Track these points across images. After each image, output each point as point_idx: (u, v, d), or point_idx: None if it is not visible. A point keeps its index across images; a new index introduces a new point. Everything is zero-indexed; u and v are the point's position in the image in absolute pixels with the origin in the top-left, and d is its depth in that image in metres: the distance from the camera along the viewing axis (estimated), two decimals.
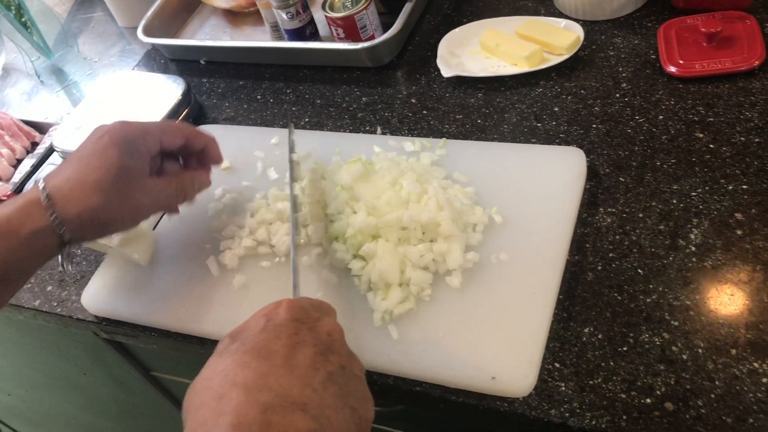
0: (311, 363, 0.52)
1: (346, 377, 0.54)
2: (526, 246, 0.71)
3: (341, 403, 0.51)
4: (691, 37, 0.85)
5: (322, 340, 0.55)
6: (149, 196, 0.71)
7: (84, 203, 0.66)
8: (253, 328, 0.56)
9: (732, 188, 0.72)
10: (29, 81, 1.30)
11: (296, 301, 0.59)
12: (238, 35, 1.17)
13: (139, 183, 0.69)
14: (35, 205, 0.65)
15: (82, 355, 1.16)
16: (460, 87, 0.93)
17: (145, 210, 0.72)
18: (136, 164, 0.69)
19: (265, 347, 0.53)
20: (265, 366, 0.51)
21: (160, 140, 0.73)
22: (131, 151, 0.69)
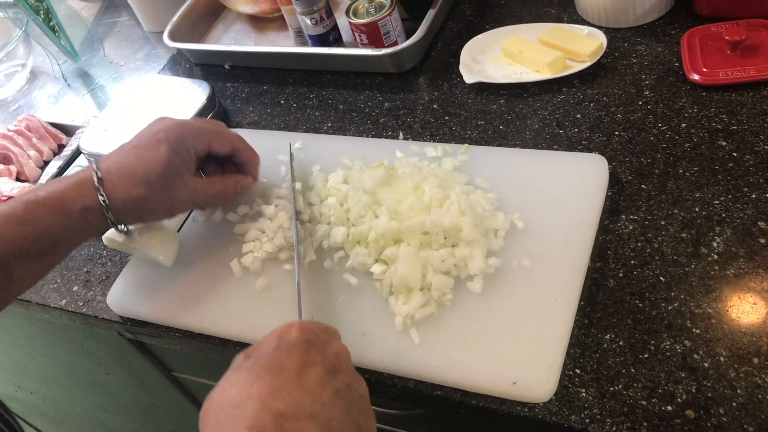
0: (320, 380, 0.55)
1: (351, 395, 0.57)
2: (548, 252, 0.71)
3: (347, 418, 0.55)
4: (714, 45, 0.85)
5: (331, 360, 0.58)
6: (190, 194, 0.76)
7: (130, 192, 0.71)
8: (266, 347, 0.58)
9: (755, 197, 0.72)
10: (56, 84, 1.32)
11: (307, 323, 0.61)
12: (263, 40, 1.19)
13: (182, 180, 0.75)
14: (88, 185, 0.71)
15: (105, 355, 1.17)
16: (483, 93, 0.94)
17: (183, 205, 0.77)
18: (182, 163, 0.74)
19: (278, 364, 0.56)
20: (277, 380, 0.54)
21: (209, 144, 0.78)
22: (180, 150, 0.74)
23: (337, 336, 0.64)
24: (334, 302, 0.74)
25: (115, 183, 0.71)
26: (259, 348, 0.59)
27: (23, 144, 1.11)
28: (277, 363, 0.56)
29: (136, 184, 0.71)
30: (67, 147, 1.11)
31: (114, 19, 1.44)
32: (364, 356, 0.70)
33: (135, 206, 0.72)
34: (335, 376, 0.57)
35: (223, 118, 1.05)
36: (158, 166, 0.72)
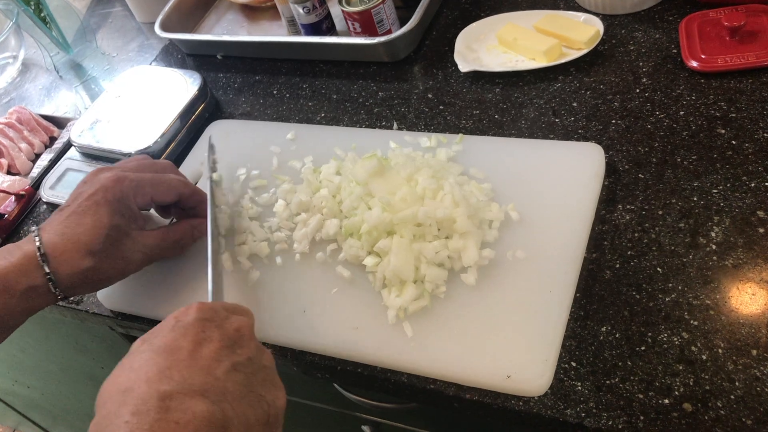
0: (215, 356, 0.55)
1: (253, 367, 0.57)
2: (543, 243, 0.70)
3: (246, 390, 0.55)
4: (713, 31, 0.84)
5: (229, 335, 0.58)
6: (141, 252, 0.73)
7: (76, 265, 0.68)
8: (162, 329, 0.58)
9: (754, 185, 0.70)
10: (48, 76, 1.31)
11: (206, 303, 0.60)
12: (255, 30, 1.17)
13: (130, 240, 0.72)
14: (31, 262, 0.67)
15: (100, 349, 1.17)
16: (478, 82, 0.92)
17: (136, 265, 0.74)
18: (127, 222, 0.71)
19: (172, 344, 0.55)
20: (168, 360, 0.54)
21: (151, 196, 0.74)
22: (122, 209, 0.71)
23: (244, 312, 0.63)
24: (326, 295, 0.73)
25: (59, 258, 0.67)
26: (155, 332, 0.58)
27: (14, 137, 1.09)
28: (170, 344, 0.55)
29: (82, 257, 0.68)
30: (58, 140, 1.10)
31: (107, 10, 1.42)
32: (356, 350, 0.69)
33: (84, 279, 0.69)
34: (234, 351, 0.56)
35: (215, 108, 1.03)
36: (101, 233, 0.69)
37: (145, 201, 0.74)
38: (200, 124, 1.00)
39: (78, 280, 0.69)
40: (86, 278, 0.69)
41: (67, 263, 0.68)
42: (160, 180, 0.75)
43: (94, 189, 0.71)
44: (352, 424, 1.01)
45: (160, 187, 0.75)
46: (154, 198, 0.74)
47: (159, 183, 0.75)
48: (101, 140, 0.98)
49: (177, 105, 0.98)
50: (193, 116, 0.99)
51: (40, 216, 0.99)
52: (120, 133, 0.97)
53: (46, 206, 0.99)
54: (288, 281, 0.76)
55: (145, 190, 0.73)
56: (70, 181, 0.98)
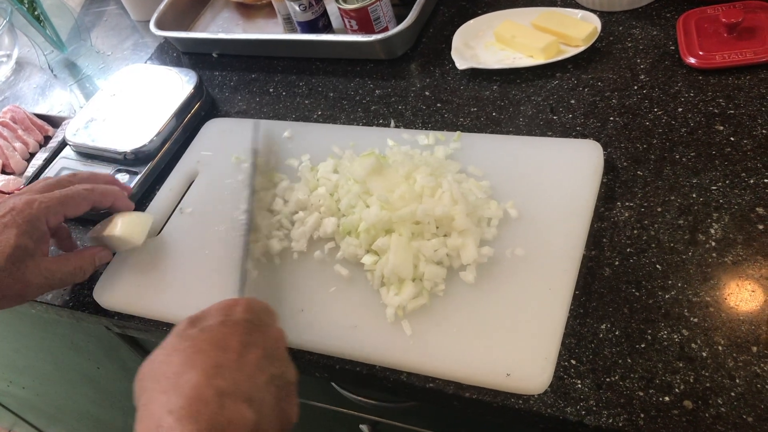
0: (258, 364, 0.57)
1: (282, 381, 0.59)
2: (542, 241, 0.70)
3: (275, 403, 0.57)
4: (711, 28, 0.84)
5: (270, 345, 0.60)
6: (42, 277, 0.73)
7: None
8: (212, 319, 0.60)
9: (753, 182, 0.70)
10: (42, 75, 1.30)
11: (251, 302, 0.63)
12: (251, 28, 1.17)
13: (33, 263, 0.72)
14: None
15: (95, 349, 1.16)
16: (475, 79, 0.92)
17: (35, 289, 0.73)
18: (33, 245, 0.72)
19: (222, 340, 0.58)
20: (221, 357, 0.56)
21: (63, 213, 0.75)
22: (31, 231, 0.71)
23: (276, 318, 0.65)
24: (324, 294, 0.73)
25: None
26: (204, 319, 0.61)
27: (8, 136, 1.08)
28: (221, 339, 0.58)
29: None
30: (53, 139, 1.09)
31: (101, 9, 1.41)
32: (355, 348, 0.68)
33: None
34: (272, 362, 0.59)
35: (211, 107, 1.03)
36: (6, 252, 0.69)
37: (58, 220, 0.74)
38: (196, 123, 0.99)
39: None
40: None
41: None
42: (67, 195, 0.76)
43: (4, 211, 0.72)
44: (351, 423, 1.00)
45: (70, 201, 0.75)
46: (67, 214, 0.75)
47: (67, 198, 0.75)
48: (96, 139, 0.97)
49: (173, 103, 0.98)
50: (189, 115, 0.99)
51: None
52: (115, 132, 0.97)
53: None
54: (286, 280, 0.75)
55: (55, 209, 0.74)
56: None
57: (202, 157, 0.93)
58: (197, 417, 0.51)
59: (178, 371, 0.55)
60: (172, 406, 0.52)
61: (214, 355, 0.56)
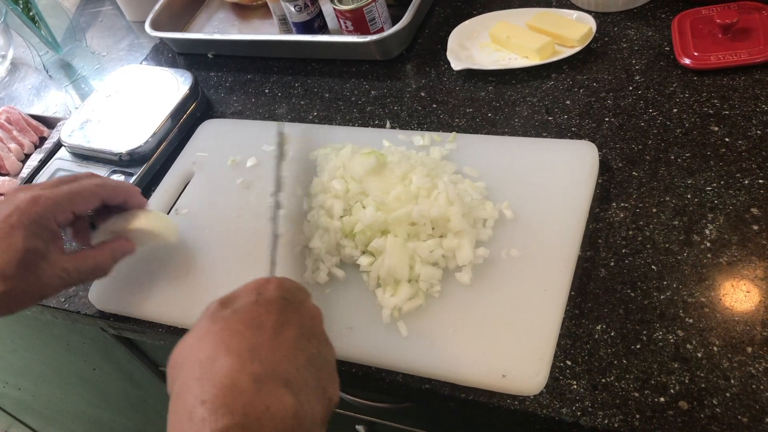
0: (296, 343, 0.55)
1: (321, 361, 0.56)
2: (538, 241, 0.70)
3: (315, 384, 0.54)
4: (706, 29, 0.84)
5: (306, 323, 0.57)
6: (58, 278, 0.69)
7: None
8: (244, 299, 0.57)
9: (748, 182, 0.70)
10: (38, 75, 1.30)
11: (284, 280, 0.60)
12: (246, 29, 1.17)
13: (47, 264, 0.68)
14: None
15: (91, 351, 1.16)
16: (471, 80, 0.92)
17: (53, 290, 0.70)
18: (44, 245, 0.67)
19: (257, 319, 0.55)
20: (256, 337, 0.53)
21: (71, 211, 0.70)
22: (39, 231, 0.67)
23: (309, 296, 0.62)
24: (320, 295, 0.73)
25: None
26: (236, 299, 0.58)
27: (3, 137, 1.08)
28: (254, 319, 0.55)
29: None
30: (48, 140, 1.09)
31: (96, 9, 1.41)
32: (351, 350, 0.68)
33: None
34: (309, 341, 0.56)
35: (207, 108, 1.03)
36: (15, 257, 0.65)
37: (66, 216, 0.70)
38: (191, 124, 0.99)
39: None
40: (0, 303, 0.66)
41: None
42: (76, 190, 0.71)
43: (8, 211, 0.67)
44: (347, 423, 1.00)
45: (78, 197, 0.71)
46: (75, 210, 0.71)
47: (76, 193, 0.71)
48: (91, 140, 0.97)
49: (168, 104, 0.98)
50: (185, 116, 0.98)
51: None
52: (110, 133, 0.97)
53: None
54: None
55: (63, 205, 0.69)
56: None
57: (197, 158, 0.93)
58: (232, 407, 0.48)
59: (212, 356, 0.52)
60: (205, 396, 0.49)
61: (249, 336, 0.53)
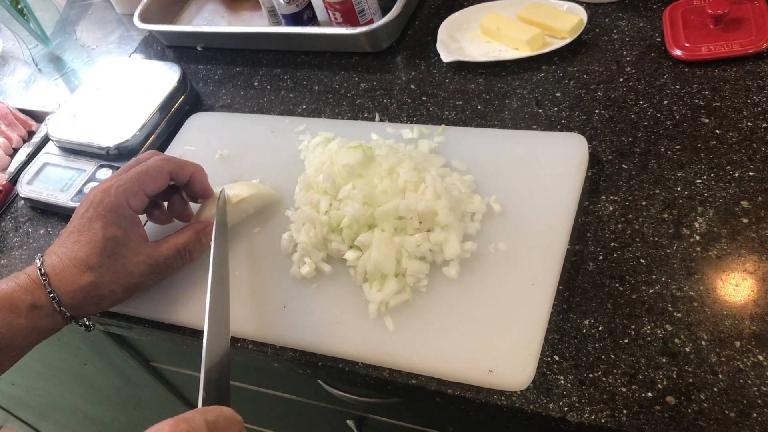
0: None
1: None
2: (526, 235, 0.69)
3: None
4: (697, 19, 0.83)
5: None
6: (144, 263, 0.70)
7: (77, 282, 0.66)
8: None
9: (738, 175, 0.70)
10: (27, 69, 1.29)
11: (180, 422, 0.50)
12: (236, 21, 1.16)
13: (130, 251, 0.69)
14: (35, 282, 0.67)
15: (82, 346, 1.15)
16: (461, 72, 0.91)
17: (140, 277, 0.70)
18: (123, 233, 0.69)
19: None
20: None
21: (144, 193, 0.71)
22: (117, 219, 0.69)
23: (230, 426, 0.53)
24: (307, 290, 0.72)
25: (59, 277, 0.66)
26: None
27: None
28: None
29: (81, 273, 0.66)
30: (36, 134, 1.08)
31: (86, 2, 1.40)
32: (337, 345, 0.68)
33: (86, 296, 0.67)
34: None
35: (195, 101, 1.02)
36: (97, 247, 0.67)
37: (140, 200, 0.71)
38: (180, 117, 0.98)
39: (80, 297, 0.67)
40: (88, 295, 0.67)
41: (67, 281, 0.66)
42: (143, 171, 0.72)
43: (85, 207, 0.70)
44: (337, 418, 1.00)
45: (146, 176, 0.71)
46: (147, 191, 0.71)
47: (143, 174, 0.71)
48: (79, 134, 0.96)
49: (156, 97, 0.97)
50: (173, 109, 0.98)
51: (17, 211, 0.98)
52: (98, 127, 0.96)
53: (24, 202, 0.98)
54: (264, 276, 0.75)
55: (134, 189, 0.70)
56: (48, 176, 0.96)
57: (185, 152, 0.92)
58: None
59: None
60: None
61: None
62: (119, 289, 0.69)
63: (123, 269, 0.69)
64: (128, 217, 0.70)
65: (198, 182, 0.76)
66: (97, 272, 0.67)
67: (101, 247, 0.67)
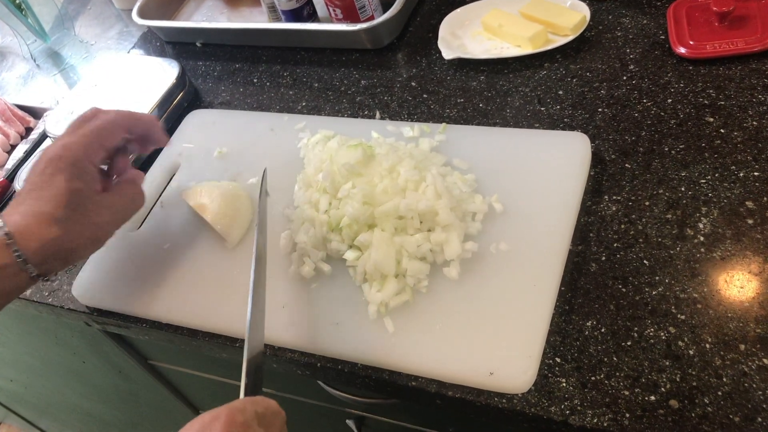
0: None
1: None
2: (527, 235, 0.68)
3: None
4: (702, 17, 0.82)
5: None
6: (107, 213, 0.69)
7: (44, 237, 0.64)
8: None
9: (743, 175, 0.69)
10: (25, 64, 1.28)
11: (237, 414, 0.51)
12: (235, 17, 1.15)
13: (93, 203, 0.68)
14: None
15: (80, 344, 1.14)
16: (462, 69, 0.90)
17: (106, 228, 0.70)
18: (86, 185, 0.67)
19: None
20: None
21: (103, 147, 0.70)
22: (79, 172, 0.67)
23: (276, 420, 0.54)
24: (306, 290, 0.71)
25: (24, 234, 0.64)
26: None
27: None
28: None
29: (47, 227, 0.64)
30: (34, 130, 1.08)
31: None
32: (337, 346, 0.67)
33: (54, 251, 0.65)
34: None
35: (194, 97, 1.01)
36: (62, 200, 0.65)
37: (100, 155, 0.69)
38: (179, 114, 0.97)
39: (48, 253, 0.65)
40: (57, 249, 0.65)
41: (33, 236, 0.64)
42: (102, 126, 0.70)
43: (44, 164, 0.67)
44: (337, 418, 0.99)
45: (105, 132, 0.70)
46: (105, 145, 0.70)
47: (102, 130, 0.70)
48: None
49: (155, 94, 0.96)
50: (172, 105, 0.97)
51: None
52: None
53: None
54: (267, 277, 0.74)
55: (93, 145, 0.69)
56: None
57: (183, 149, 0.91)
58: None
59: None
60: None
61: None
62: (86, 242, 0.68)
63: (89, 221, 0.67)
64: (89, 172, 0.68)
65: (155, 136, 0.76)
66: (64, 225, 0.65)
67: (66, 200, 0.65)
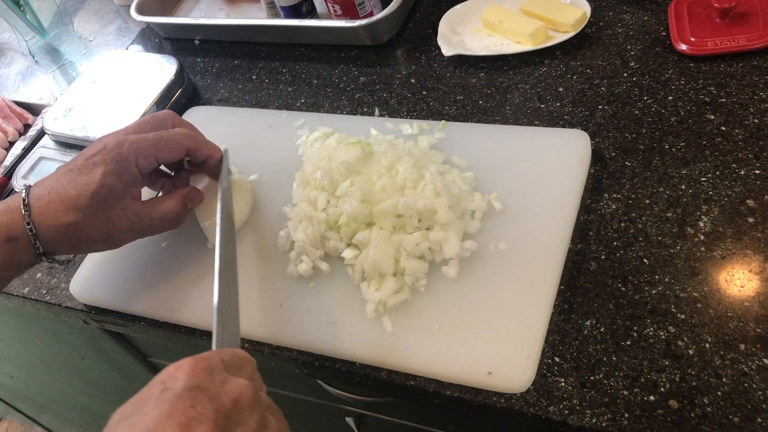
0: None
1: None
2: (527, 234, 0.68)
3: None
4: (703, 13, 0.81)
5: (225, 409, 0.47)
6: (129, 220, 0.68)
7: (58, 218, 0.65)
8: (144, 400, 0.47)
9: (744, 173, 0.68)
10: (24, 61, 1.27)
11: (201, 360, 0.49)
12: (234, 13, 1.14)
13: (119, 204, 0.67)
14: (14, 213, 0.65)
15: (79, 341, 1.14)
16: (462, 66, 0.90)
17: (121, 232, 0.69)
18: (121, 186, 0.67)
19: (155, 428, 0.44)
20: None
21: (156, 158, 0.69)
22: (120, 171, 0.67)
23: (244, 366, 0.53)
24: (304, 288, 0.71)
25: (42, 210, 0.64)
26: (135, 403, 0.47)
27: None
28: (152, 428, 0.44)
29: (66, 210, 0.64)
30: (32, 127, 1.07)
31: None
32: (334, 345, 0.67)
33: (65, 234, 0.65)
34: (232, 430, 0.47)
35: (193, 94, 1.00)
36: (90, 191, 0.65)
37: (149, 162, 0.69)
38: (177, 110, 0.97)
39: (59, 234, 0.65)
40: (68, 234, 0.65)
41: (49, 215, 0.64)
42: (163, 138, 0.70)
43: (95, 150, 0.67)
44: (336, 415, 0.99)
45: (163, 144, 0.69)
46: (159, 158, 0.69)
47: (162, 141, 0.69)
48: (75, 128, 0.95)
49: (153, 91, 0.95)
50: (170, 102, 0.96)
51: None
52: (95, 120, 0.95)
53: None
54: (261, 275, 0.74)
55: (147, 151, 0.68)
56: (44, 170, 0.95)
57: None
58: None
59: None
60: None
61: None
62: (98, 236, 0.67)
63: (107, 218, 0.67)
64: (132, 174, 0.68)
65: (211, 164, 0.75)
66: (82, 214, 0.65)
67: (94, 191, 0.65)
